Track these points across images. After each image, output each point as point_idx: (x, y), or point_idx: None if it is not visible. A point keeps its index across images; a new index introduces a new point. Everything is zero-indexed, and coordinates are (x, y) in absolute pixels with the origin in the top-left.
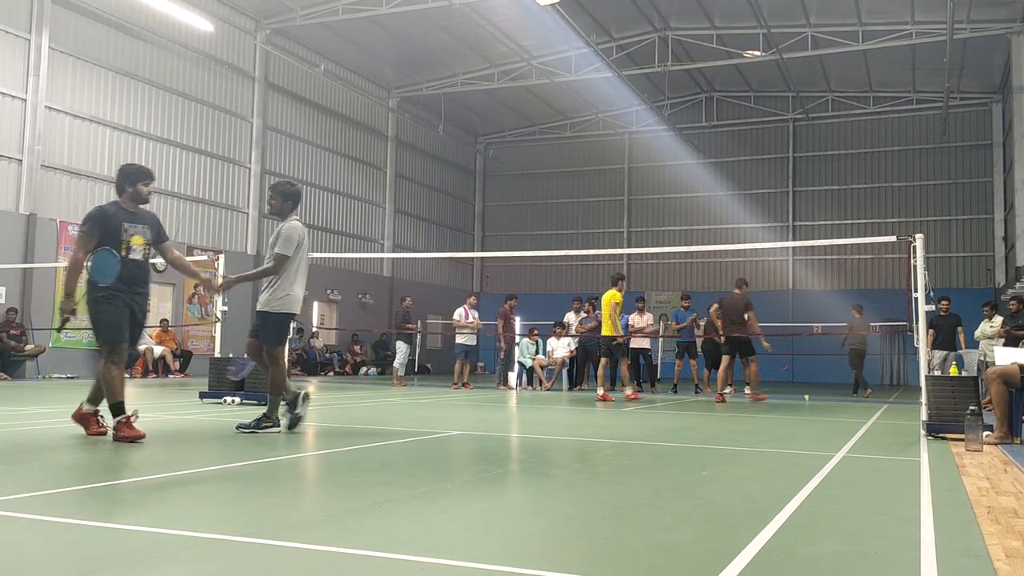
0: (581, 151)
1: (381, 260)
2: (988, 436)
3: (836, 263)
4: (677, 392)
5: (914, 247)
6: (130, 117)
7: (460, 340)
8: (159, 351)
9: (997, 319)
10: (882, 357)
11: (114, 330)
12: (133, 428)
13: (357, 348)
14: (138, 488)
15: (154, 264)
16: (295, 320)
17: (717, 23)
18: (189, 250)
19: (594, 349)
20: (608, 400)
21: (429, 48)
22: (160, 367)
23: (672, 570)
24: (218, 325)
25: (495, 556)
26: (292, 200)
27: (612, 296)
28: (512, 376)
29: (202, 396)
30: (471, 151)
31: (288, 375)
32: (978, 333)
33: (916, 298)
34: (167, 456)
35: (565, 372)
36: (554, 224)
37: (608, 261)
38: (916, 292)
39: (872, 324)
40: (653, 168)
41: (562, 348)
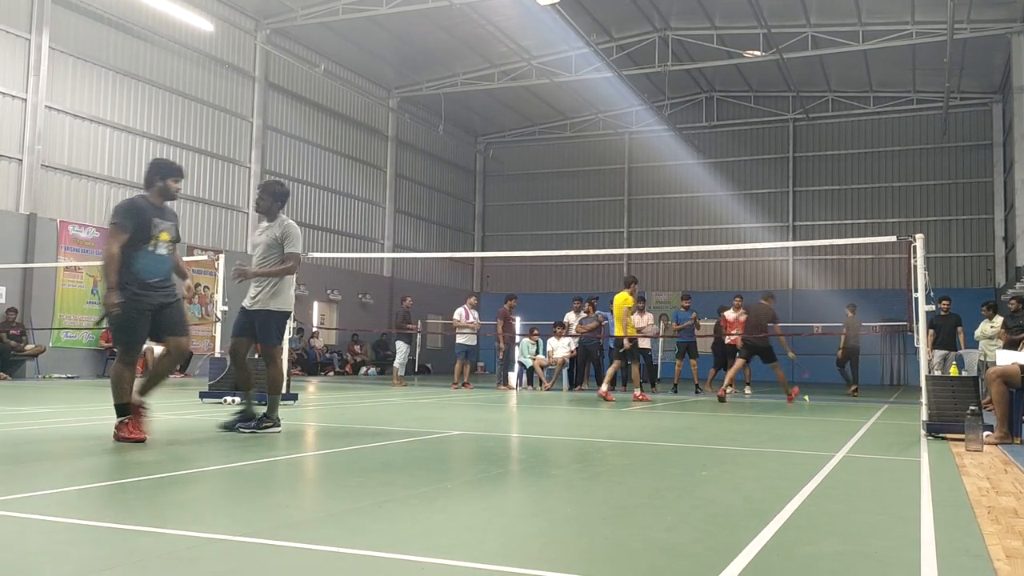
0: (581, 151)
1: (381, 260)
2: (988, 436)
3: (836, 263)
4: (677, 392)
5: (914, 247)
6: (130, 117)
7: (460, 340)
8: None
9: (997, 319)
10: (882, 357)
11: (128, 332)
12: (135, 430)
13: (357, 348)
14: (138, 488)
15: None
16: (296, 320)
17: (717, 23)
18: (189, 249)
19: (594, 349)
20: (610, 399)
21: (429, 48)
22: None
23: (672, 570)
24: (218, 325)
25: (495, 556)
26: (281, 200)
27: (625, 299)
28: (512, 376)
29: (202, 396)
30: (471, 151)
31: (290, 375)
32: (978, 333)
33: (916, 298)
34: (167, 456)
35: (565, 372)
36: (554, 224)
37: (608, 261)
38: (916, 292)
39: (872, 324)
40: (653, 168)
41: (562, 348)
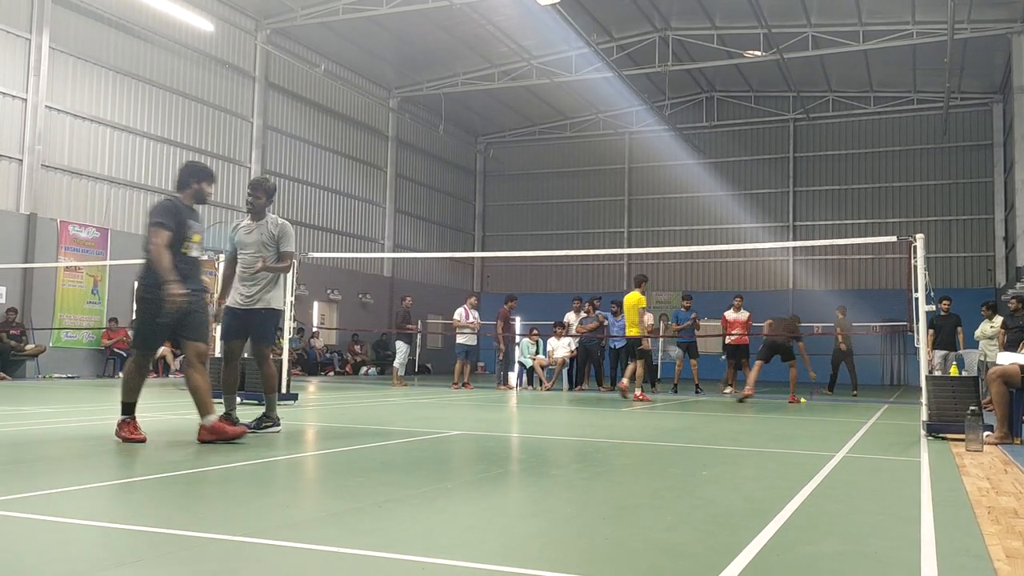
0: (581, 151)
1: (381, 260)
2: (988, 436)
3: (836, 263)
4: (677, 392)
5: (914, 247)
6: (130, 117)
7: (460, 340)
8: (159, 351)
9: (997, 319)
10: (882, 357)
11: (148, 336)
12: (135, 431)
13: (357, 348)
14: (138, 488)
15: None
16: (296, 320)
17: (718, 23)
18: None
19: (594, 349)
20: (647, 400)
21: (429, 48)
22: (160, 367)
23: (672, 570)
24: (218, 325)
25: (495, 556)
26: (272, 197)
27: (637, 299)
28: (512, 376)
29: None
30: (471, 151)
31: (290, 375)
32: (978, 333)
33: (916, 298)
34: (167, 456)
35: (565, 372)
36: (554, 224)
37: (608, 261)
38: (916, 292)
39: (873, 324)
40: (653, 168)
41: (562, 348)
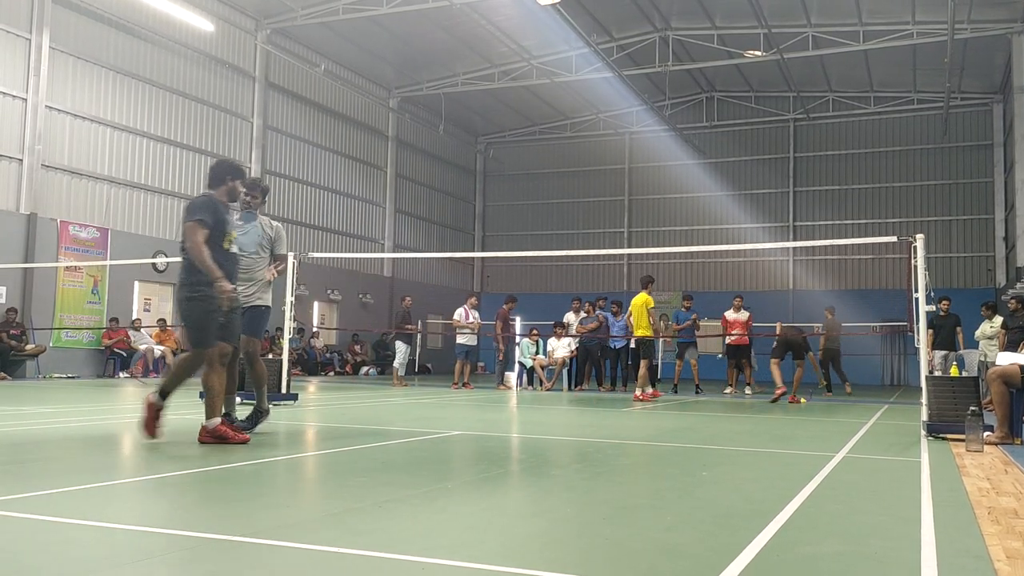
0: (581, 151)
1: (381, 260)
2: (989, 436)
3: (836, 263)
4: (677, 392)
5: (915, 247)
6: (131, 117)
7: (461, 340)
8: (159, 350)
9: (997, 319)
10: (882, 357)
11: (204, 331)
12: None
13: (357, 348)
14: (138, 488)
15: (154, 264)
16: (296, 320)
17: (718, 23)
18: None
19: (595, 349)
20: (657, 395)
21: (429, 48)
22: (161, 367)
23: (672, 570)
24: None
25: (495, 556)
26: (265, 198)
27: (645, 300)
28: (512, 376)
29: (202, 396)
30: (471, 151)
31: (290, 375)
32: (978, 333)
33: (917, 298)
34: (167, 455)
35: (565, 372)
36: (554, 224)
37: (608, 261)
38: (917, 292)
39: (873, 324)
40: (653, 168)
41: (563, 348)
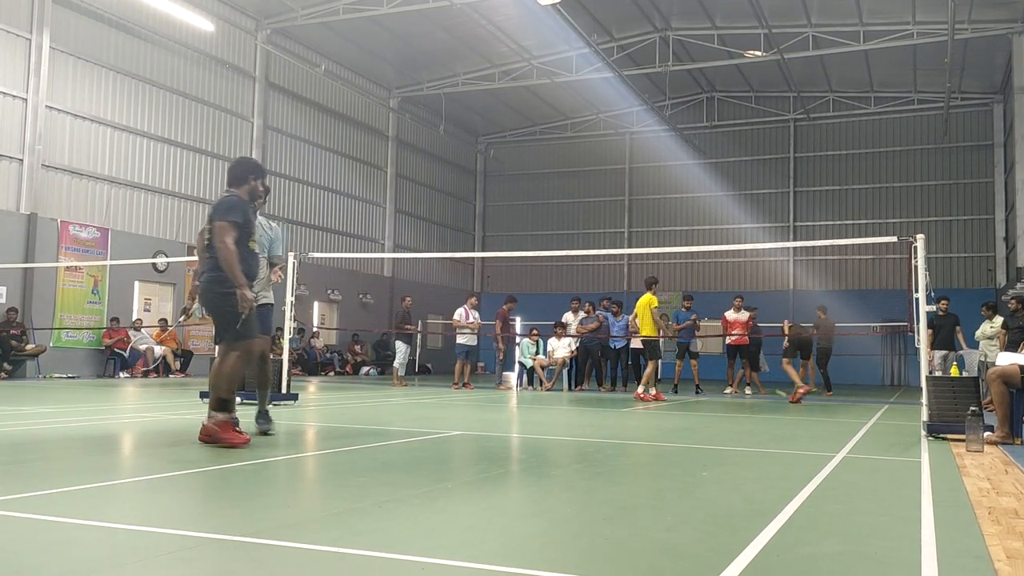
0: (581, 151)
1: (382, 260)
2: (989, 436)
3: (837, 263)
4: (678, 392)
5: (915, 247)
6: (131, 117)
7: (461, 340)
8: (160, 351)
9: (997, 319)
10: (882, 358)
11: (246, 325)
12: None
13: (357, 348)
14: (139, 488)
15: (155, 264)
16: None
17: (718, 23)
18: (189, 249)
19: (595, 349)
20: (660, 399)
21: (429, 48)
22: (161, 367)
23: (672, 570)
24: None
25: (495, 556)
26: (265, 199)
27: (649, 300)
28: (512, 376)
29: (202, 396)
30: (471, 151)
31: (290, 375)
32: (978, 333)
33: (917, 299)
34: (168, 456)
35: (566, 372)
36: (555, 224)
37: (608, 261)
38: (917, 293)
39: (873, 324)
40: (654, 168)
41: (563, 348)
